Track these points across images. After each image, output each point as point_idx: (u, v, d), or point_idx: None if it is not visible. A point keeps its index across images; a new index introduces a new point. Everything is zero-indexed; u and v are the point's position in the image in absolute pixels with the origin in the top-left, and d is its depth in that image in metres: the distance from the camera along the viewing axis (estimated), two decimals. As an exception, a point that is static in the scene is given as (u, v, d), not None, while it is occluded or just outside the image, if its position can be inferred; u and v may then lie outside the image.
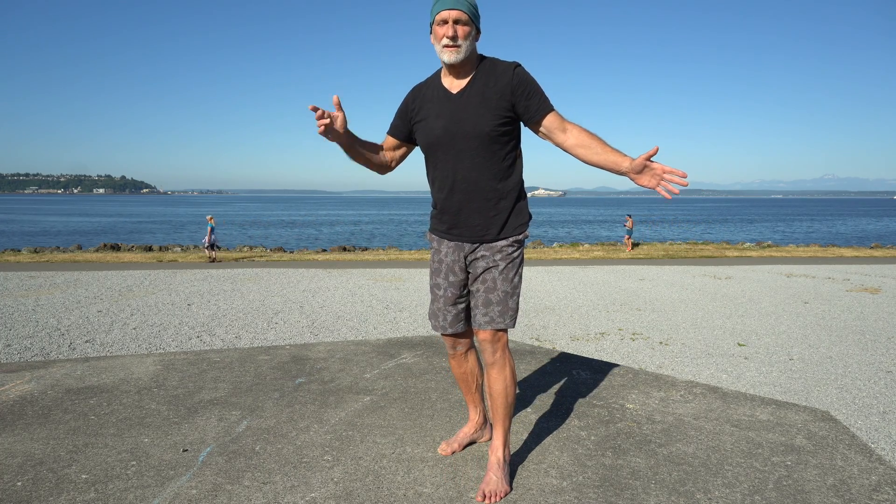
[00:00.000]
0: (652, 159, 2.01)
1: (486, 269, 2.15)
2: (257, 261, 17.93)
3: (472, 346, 2.40)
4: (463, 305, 2.26)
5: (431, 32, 2.11)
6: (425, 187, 2.72)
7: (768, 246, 25.08)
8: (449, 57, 2.07)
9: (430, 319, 2.33)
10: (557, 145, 2.14)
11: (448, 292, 2.24)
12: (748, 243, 26.87)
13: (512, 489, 2.18)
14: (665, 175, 2.00)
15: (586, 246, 24.49)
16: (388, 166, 2.34)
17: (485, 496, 2.11)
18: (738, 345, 6.89)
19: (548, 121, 2.11)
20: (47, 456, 2.40)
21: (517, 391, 2.25)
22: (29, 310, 8.58)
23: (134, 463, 2.34)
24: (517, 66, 2.12)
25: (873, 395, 5.10)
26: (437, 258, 2.27)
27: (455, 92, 2.14)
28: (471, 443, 2.53)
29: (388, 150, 2.33)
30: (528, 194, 2.31)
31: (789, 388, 5.27)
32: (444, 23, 2.06)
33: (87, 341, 6.73)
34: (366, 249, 24.56)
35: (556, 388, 3.27)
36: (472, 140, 2.10)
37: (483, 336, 2.15)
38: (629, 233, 22.45)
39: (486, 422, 2.55)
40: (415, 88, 2.26)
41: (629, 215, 22.81)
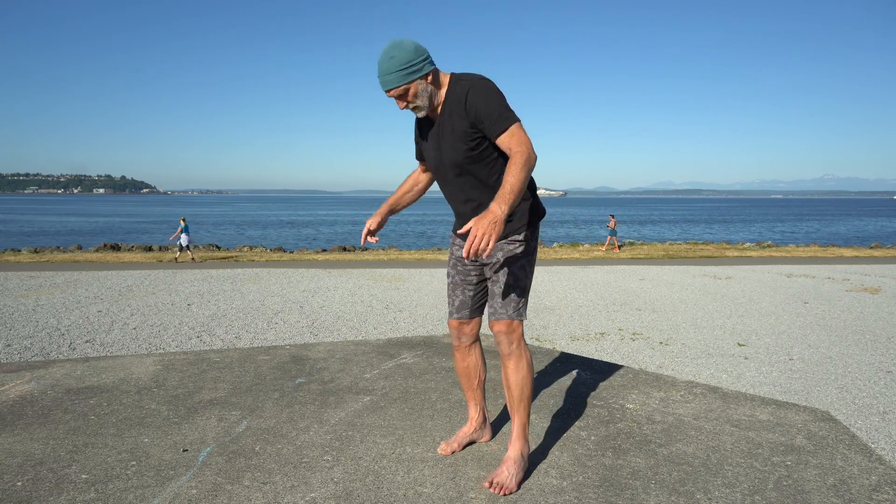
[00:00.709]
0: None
1: (490, 266, 2.27)
2: (240, 261, 17.86)
3: (476, 341, 2.46)
4: (470, 294, 2.37)
5: None
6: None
7: (768, 246, 25.09)
8: (416, 114, 2.19)
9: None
10: None
11: (455, 279, 2.39)
12: (748, 243, 26.87)
13: (518, 489, 2.18)
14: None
15: (586, 246, 24.48)
16: (430, 183, 2.56)
17: (491, 484, 2.17)
18: (738, 345, 6.89)
19: (500, 143, 2.08)
20: (47, 456, 2.40)
21: (533, 385, 2.31)
22: (29, 310, 8.58)
23: (134, 463, 2.34)
24: (470, 87, 2.08)
25: (873, 395, 5.10)
26: (452, 250, 2.44)
27: (436, 122, 2.22)
28: (470, 443, 2.53)
29: (423, 171, 2.51)
30: None
31: (789, 388, 5.27)
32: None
33: (87, 341, 6.73)
34: (366, 249, 24.57)
35: (555, 388, 3.27)
36: (456, 168, 2.19)
37: (495, 328, 2.24)
38: (612, 233, 22.34)
39: (485, 421, 2.56)
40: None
41: (612, 216, 22.62)
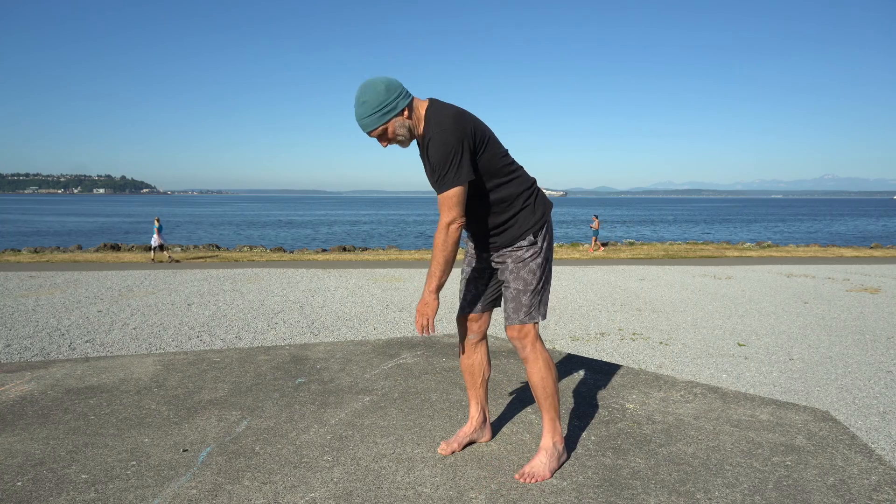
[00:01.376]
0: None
1: (502, 271, 2.31)
2: (214, 262, 17.82)
3: (483, 339, 2.49)
4: (483, 288, 2.41)
5: None
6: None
7: (768, 246, 25.08)
8: (401, 147, 2.22)
9: None
10: None
11: (469, 275, 2.42)
12: (748, 243, 26.86)
13: (551, 476, 2.25)
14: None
15: (586, 246, 24.48)
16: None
17: (524, 474, 2.23)
18: (738, 345, 6.89)
19: (438, 200, 2.09)
20: (47, 456, 2.40)
21: (557, 381, 2.33)
22: (29, 310, 8.58)
23: (134, 463, 2.34)
24: (430, 138, 2.08)
25: (873, 395, 5.10)
26: (466, 249, 2.49)
27: (422, 146, 2.22)
28: (470, 442, 2.53)
29: None
30: None
31: (789, 388, 5.27)
32: None
33: (87, 341, 6.73)
34: (365, 249, 24.56)
35: (556, 388, 3.27)
36: None
37: (508, 333, 2.28)
38: (595, 233, 22.33)
39: (485, 421, 2.56)
40: None
41: (596, 216, 22.56)
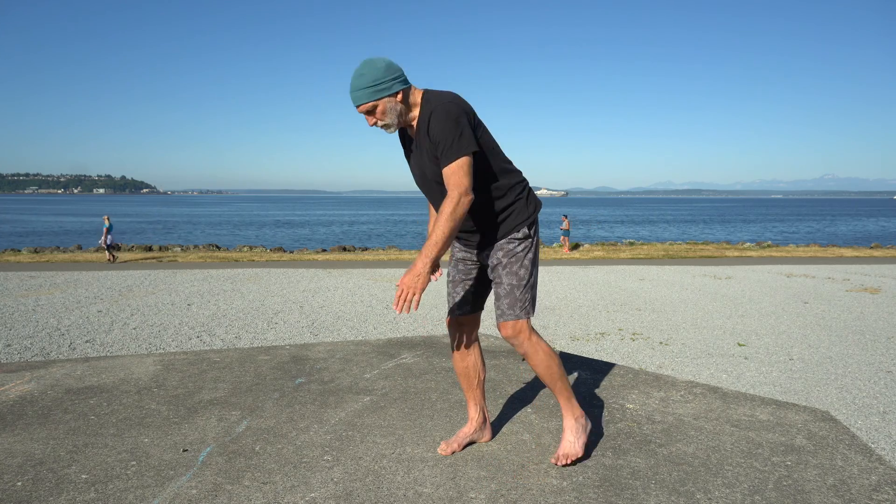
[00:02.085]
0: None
1: (492, 268, 2.27)
2: (159, 262, 17.74)
3: (475, 341, 2.47)
4: (471, 289, 2.38)
5: None
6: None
7: (768, 246, 25.08)
8: (386, 132, 2.15)
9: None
10: None
11: (456, 277, 2.40)
12: (748, 243, 26.86)
13: (585, 455, 2.35)
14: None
15: (586, 246, 24.48)
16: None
17: (558, 458, 2.29)
18: (738, 345, 6.89)
19: (444, 175, 2.05)
20: (47, 456, 2.40)
21: (560, 364, 2.33)
22: (29, 310, 8.58)
23: (134, 463, 2.34)
24: (432, 112, 2.06)
25: (873, 395, 5.10)
26: (452, 251, 2.44)
27: (413, 139, 2.20)
28: (471, 443, 2.53)
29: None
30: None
31: (789, 388, 5.27)
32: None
33: (87, 341, 6.73)
34: (365, 249, 24.56)
35: (556, 388, 3.27)
36: (437, 185, 2.16)
37: (504, 332, 2.25)
38: (566, 234, 22.04)
39: (485, 421, 2.56)
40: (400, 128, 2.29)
41: (565, 216, 22.03)
